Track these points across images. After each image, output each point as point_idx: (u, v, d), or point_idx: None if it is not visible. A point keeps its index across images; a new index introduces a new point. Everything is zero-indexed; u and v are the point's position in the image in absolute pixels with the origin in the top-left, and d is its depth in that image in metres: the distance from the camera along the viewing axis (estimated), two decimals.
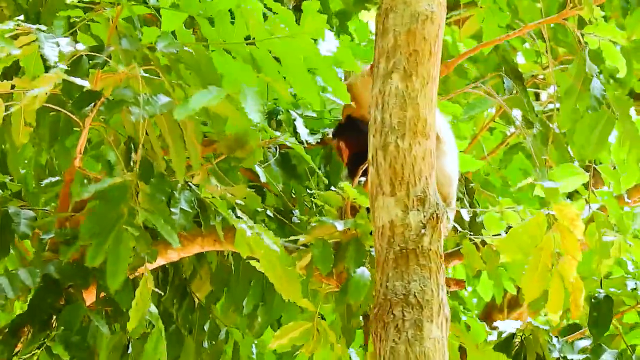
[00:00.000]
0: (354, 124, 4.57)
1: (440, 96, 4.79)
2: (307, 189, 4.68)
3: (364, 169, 4.32)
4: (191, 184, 4.03)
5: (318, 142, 4.66)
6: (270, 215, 4.49)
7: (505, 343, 4.63)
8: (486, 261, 4.25)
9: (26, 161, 4.90)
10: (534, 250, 4.02)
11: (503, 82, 4.96)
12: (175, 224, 3.79)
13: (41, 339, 3.95)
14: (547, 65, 5.04)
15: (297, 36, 3.92)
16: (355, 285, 3.99)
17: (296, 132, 4.54)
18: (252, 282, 4.60)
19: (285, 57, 4.01)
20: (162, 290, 4.66)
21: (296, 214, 4.59)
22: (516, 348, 4.64)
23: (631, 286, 4.86)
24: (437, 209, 3.46)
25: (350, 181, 4.37)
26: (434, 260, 3.42)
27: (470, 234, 4.34)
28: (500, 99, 4.87)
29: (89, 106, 3.71)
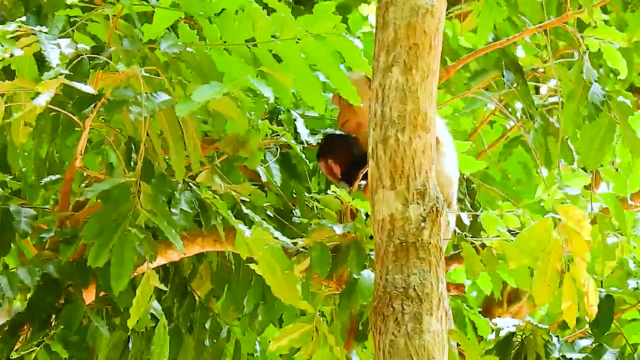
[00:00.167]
0: (337, 139, 4.56)
1: (440, 89, 4.76)
2: (308, 189, 4.67)
3: (364, 173, 4.32)
4: (192, 184, 4.03)
5: (318, 142, 4.65)
6: (270, 215, 4.48)
7: (505, 342, 4.63)
8: (486, 264, 4.24)
9: (26, 153, 4.89)
10: (542, 254, 4.01)
11: (503, 75, 4.94)
12: (178, 228, 3.79)
13: (40, 337, 3.95)
14: (547, 58, 5.02)
15: (304, 37, 3.91)
16: (363, 287, 3.97)
17: (297, 132, 4.54)
18: (253, 281, 4.59)
19: (288, 58, 3.99)
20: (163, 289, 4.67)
21: (297, 214, 4.59)
22: (516, 347, 4.63)
23: (632, 285, 4.85)
24: (437, 202, 3.45)
25: (348, 187, 4.37)
26: (433, 254, 3.41)
27: (470, 236, 4.33)
28: (495, 100, 4.86)
29: (89, 107, 3.71)
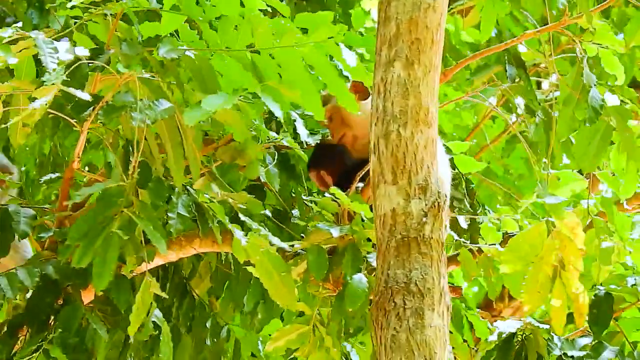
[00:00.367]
0: (327, 149, 4.55)
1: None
2: (307, 189, 4.66)
3: (361, 176, 4.31)
4: (189, 188, 4.01)
5: (318, 142, 4.64)
6: (269, 216, 4.48)
7: (506, 343, 4.63)
8: (483, 269, 4.25)
9: (27, 148, 4.90)
10: (534, 259, 4.01)
11: (506, 70, 4.93)
12: (164, 232, 3.77)
13: (39, 340, 3.93)
14: (549, 53, 5.00)
15: (304, 45, 3.89)
16: (353, 292, 3.97)
17: (296, 133, 4.53)
18: (252, 280, 4.59)
19: (288, 65, 3.97)
20: (162, 288, 4.65)
21: (296, 215, 4.58)
22: (517, 348, 4.63)
23: (631, 282, 4.85)
24: (438, 197, 3.45)
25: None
26: (435, 249, 3.42)
27: (466, 242, 4.33)
28: (490, 103, 4.85)
29: (87, 110, 3.70)
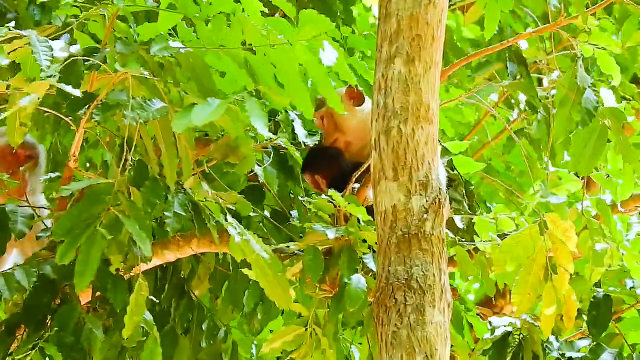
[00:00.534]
0: (322, 152, 4.56)
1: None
2: (305, 190, 4.67)
3: (357, 177, 4.32)
4: (186, 188, 4.02)
5: (316, 143, 4.64)
6: (268, 216, 4.48)
7: (502, 342, 4.62)
8: (480, 268, 4.25)
9: None
10: (526, 261, 4.01)
11: (507, 67, 4.93)
12: (151, 233, 3.77)
13: (35, 339, 3.93)
14: (550, 50, 5.01)
15: (295, 44, 3.91)
16: (352, 293, 3.95)
17: (294, 134, 4.53)
18: (251, 281, 4.59)
19: (281, 64, 3.98)
20: (160, 289, 4.66)
21: (295, 216, 4.58)
22: (513, 348, 4.62)
23: (630, 285, 4.84)
24: (439, 194, 3.46)
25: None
26: (436, 245, 3.42)
27: (463, 240, 4.33)
28: (488, 105, 4.85)
29: (83, 109, 3.71)
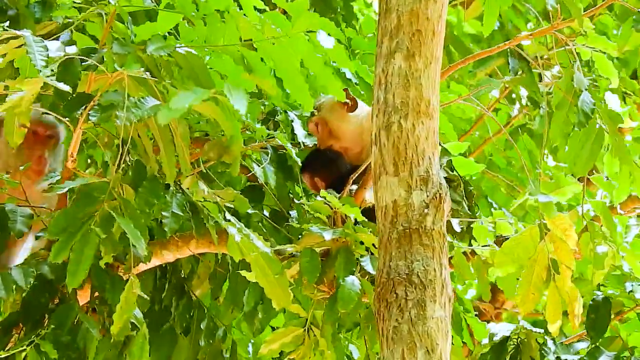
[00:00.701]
0: (321, 154, 4.56)
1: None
2: (304, 190, 4.67)
3: (354, 179, 4.32)
4: (184, 187, 4.02)
5: (315, 143, 4.65)
6: (266, 216, 4.48)
7: (500, 347, 4.62)
8: (476, 271, 4.25)
9: None
10: (527, 262, 4.01)
11: (508, 62, 4.93)
12: (147, 232, 3.76)
13: (32, 337, 3.94)
14: (551, 46, 5.01)
15: (291, 36, 3.91)
16: (345, 295, 3.97)
17: (294, 134, 4.54)
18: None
19: (279, 58, 4.00)
20: (160, 289, 4.66)
21: (294, 216, 4.58)
22: (511, 352, 4.63)
23: (629, 288, 4.84)
24: (440, 188, 3.45)
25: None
26: (437, 240, 3.42)
27: (459, 243, 4.33)
28: (484, 108, 4.85)
29: (79, 109, 3.71)
